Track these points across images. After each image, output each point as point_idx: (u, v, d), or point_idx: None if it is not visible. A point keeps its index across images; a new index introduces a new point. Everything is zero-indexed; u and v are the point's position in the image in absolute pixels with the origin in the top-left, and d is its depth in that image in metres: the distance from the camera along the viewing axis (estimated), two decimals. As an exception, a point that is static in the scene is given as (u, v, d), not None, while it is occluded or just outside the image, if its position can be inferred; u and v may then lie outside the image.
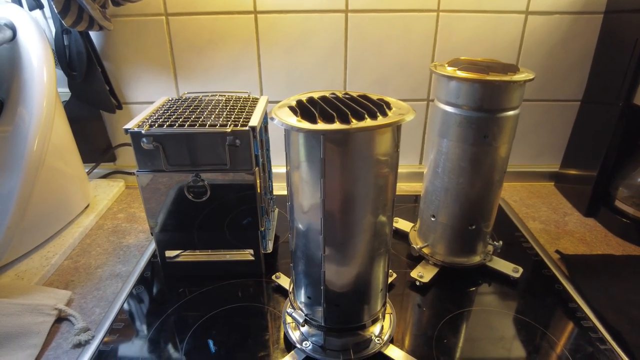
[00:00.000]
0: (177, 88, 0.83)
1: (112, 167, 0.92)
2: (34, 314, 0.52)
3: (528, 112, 0.84)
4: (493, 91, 0.49)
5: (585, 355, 0.48)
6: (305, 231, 0.41)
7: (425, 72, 0.81)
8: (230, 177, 0.53)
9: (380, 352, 0.47)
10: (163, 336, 0.51)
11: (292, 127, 0.34)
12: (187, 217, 0.56)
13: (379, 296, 0.46)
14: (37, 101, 0.58)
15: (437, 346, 0.49)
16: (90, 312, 0.56)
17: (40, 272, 0.61)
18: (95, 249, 0.69)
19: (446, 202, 0.58)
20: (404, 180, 0.90)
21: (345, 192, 0.37)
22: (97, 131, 0.86)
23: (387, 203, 0.40)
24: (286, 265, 0.63)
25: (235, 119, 0.53)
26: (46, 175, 0.64)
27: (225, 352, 0.49)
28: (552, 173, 0.90)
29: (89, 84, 0.78)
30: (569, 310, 0.54)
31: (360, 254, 0.41)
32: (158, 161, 0.52)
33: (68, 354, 0.49)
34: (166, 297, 0.58)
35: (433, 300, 0.57)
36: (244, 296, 0.58)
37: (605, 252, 0.67)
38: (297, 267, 0.45)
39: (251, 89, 0.82)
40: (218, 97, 0.63)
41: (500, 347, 0.49)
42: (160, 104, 0.59)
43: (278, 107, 0.37)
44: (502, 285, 0.59)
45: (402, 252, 0.67)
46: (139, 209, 0.81)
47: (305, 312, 0.47)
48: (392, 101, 0.38)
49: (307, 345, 0.47)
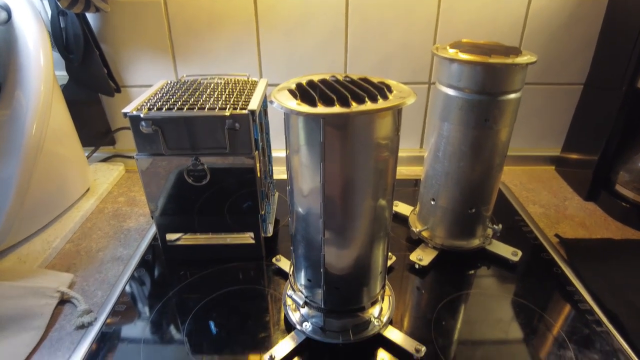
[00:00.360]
0: (176, 71, 0.82)
1: (111, 150, 0.92)
2: (36, 297, 0.53)
3: (530, 96, 0.84)
4: (495, 74, 0.49)
5: (581, 337, 0.48)
6: (305, 215, 0.41)
7: (427, 55, 0.80)
8: (229, 161, 0.53)
9: (379, 334, 0.48)
10: (165, 318, 0.52)
11: (292, 111, 0.33)
12: (188, 200, 0.56)
13: (378, 279, 0.46)
14: (34, 84, 0.58)
15: (436, 328, 0.50)
16: (93, 294, 0.56)
17: (42, 256, 0.62)
18: (96, 233, 0.69)
19: (446, 186, 0.57)
20: (404, 164, 0.90)
21: (345, 176, 0.37)
22: (96, 115, 0.86)
23: (387, 187, 0.40)
24: (286, 248, 0.63)
25: (235, 102, 0.52)
26: (45, 159, 0.64)
27: (226, 333, 0.49)
28: (553, 157, 0.90)
29: (87, 67, 0.77)
30: (567, 294, 0.55)
31: (359, 237, 0.41)
32: (157, 145, 0.52)
33: (71, 335, 0.50)
34: (167, 280, 0.58)
35: (432, 283, 0.57)
36: (245, 279, 0.58)
37: (604, 237, 0.68)
38: (297, 250, 0.45)
39: (250, 71, 0.81)
40: (217, 80, 0.62)
41: (498, 329, 0.50)
42: (159, 87, 0.58)
43: (277, 90, 0.37)
44: (501, 268, 0.60)
45: (402, 235, 0.67)
46: (139, 193, 0.81)
47: (305, 294, 0.47)
48: (393, 84, 0.38)
49: (307, 327, 0.48)
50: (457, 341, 0.49)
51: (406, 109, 0.42)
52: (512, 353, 0.47)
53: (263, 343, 0.48)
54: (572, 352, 0.47)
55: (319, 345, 0.47)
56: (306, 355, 0.47)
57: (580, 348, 0.47)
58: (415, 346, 0.46)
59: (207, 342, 0.48)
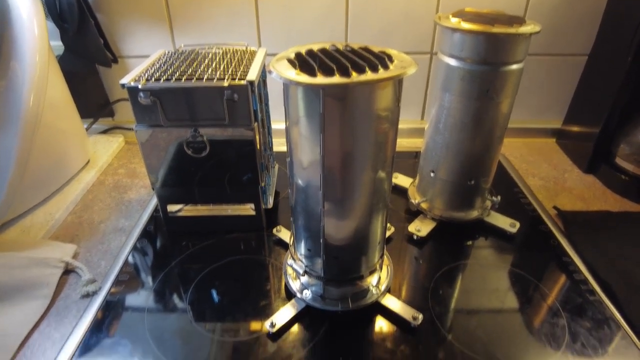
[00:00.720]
0: (174, 41, 0.80)
1: (110, 122, 0.91)
2: (41, 267, 0.54)
3: (533, 67, 0.82)
4: (497, 44, 0.48)
5: (574, 306, 0.50)
6: (305, 187, 0.41)
7: (430, 24, 0.78)
8: (229, 132, 0.53)
9: (377, 302, 0.49)
10: (167, 287, 0.53)
11: (291, 81, 0.33)
12: (188, 172, 0.57)
13: (377, 249, 0.47)
14: (29, 55, 0.57)
15: (433, 297, 0.51)
16: (96, 264, 0.57)
17: (45, 227, 0.62)
18: (98, 204, 0.70)
19: (446, 158, 0.58)
20: (404, 136, 0.90)
21: (344, 148, 0.37)
22: (94, 86, 0.85)
23: (386, 159, 0.40)
24: (286, 219, 0.64)
25: (233, 73, 0.51)
26: (44, 130, 0.64)
27: (228, 301, 0.51)
28: (555, 130, 0.90)
29: (82, 37, 0.75)
30: (563, 264, 0.56)
31: (359, 208, 0.42)
32: (156, 116, 0.52)
33: (77, 303, 0.51)
34: (169, 250, 0.59)
35: (430, 253, 0.58)
36: (246, 249, 0.59)
37: (602, 209, 0.68)
38: (297, 221, 0.46)
39: (249, 40, 0.79)
40: (215, 49, 0.61)
41: (494, 298, 0.51)
42: (157, 58, 0.58)
43: (276, 60, 0.36)
44: (498, 239, 0.61)
45: (401, 207, 0.68)
46: (139, 165, 0.81)
47: (305, 263, 0.48)
48: (395, 54, 0.37)
49: (307, 295, 0.49)
50: (453, 310, 0.50)
51: (407, 79, 0.41)
52: (507, 321, 0.48)
53: (264, 310, 0.49)
54: (565, 320, 0.48)
55: (319, 312, 0.48)
56: (306, 322, 0.48)
57: (572, 316, 0.48)
58: (413, 314, 0.47)
59: (209, 310, 0.50)
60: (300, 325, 0.48)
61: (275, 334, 0.46)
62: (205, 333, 0.47)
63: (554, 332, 0.47)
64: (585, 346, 0.45)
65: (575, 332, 0.47)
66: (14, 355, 0.45)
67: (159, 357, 0.44)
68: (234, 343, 0.46)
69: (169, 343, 0.46)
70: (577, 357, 0.44)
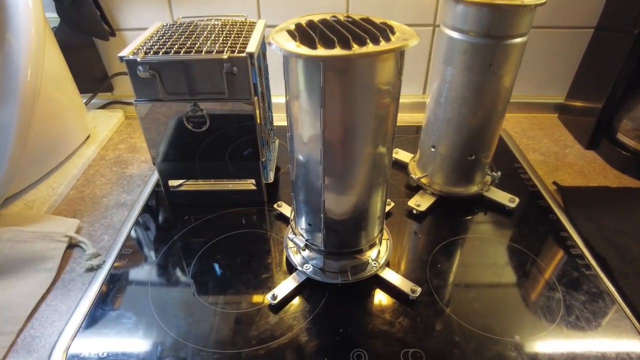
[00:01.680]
0: (172, 12, 0.79)
1: (109, 97, 0.90)
2: (46, 241, 0.55)
3: (536, 40, 0.81)
4: (501, 16, 0.47)
5: (570, 280, 0.51)
6: (305, 161, 0.41)
7: (433, -4, 0.77)
8: (229, 106, 0.53)
9: (376, 275, 0.50)
10: (170, 261, 0.54)
11: (290, 53, 0.32)
12: (188, 147, 0.56)
13: (377, 223, 0.47)
14: (24, 26, 0.56)
15: (431, 270, 0.52)
16: (99, 239, 0.58)
17: (47, 202, 0.63)
18: (99, 179, 0.70)
19: (447, 133, 0.57)
20: (406, 110, 0.89)
21: (345, 122, 0.37)
22: (92, 60, 0.84)
23: (387, 134, 0.40)
24: (287, 194, 0.64)
25: (232, 45, 0.51)
26: (43, 105, 0.63)
27: (230, 274, 0.52)
28: (557, 104, 0.89)
29: (78, 9, 0.74)
30: (560, 239, 0.57)
31: (359, 183, 0.42)
32: (156, 90, 0.51)
33: (82, 277, 0.52)
34: (171, 224, 0.60)
35: (429, 228, 0.59)
36: (247, 223, 0.60)
37: (601, 184, 0.68)
38: (298, 196, 0.46)
39: (248, 12, 0.78)
40: (214, 21, 0.60)
41: (491, 273, 0.52)
42: (155, 30, 0.57)
43: (276, 32, 0.36)
44: (497, 214, 0.61)
45: (401, 182, 0.68)
46: (139, 139, 0.81)
47: (305, 237, 0.49)
48: (396, 25, 0.37)
49: (307, 268, 0.50)
50: (451, 283, 0.51)
51: (409, 53, 0.41)
52: (503, 294, 0.49)
53: (266, 283, 0.50)
54: (561, 293, 0.49)
55: (319, 285, 0.49)
56: (306, 294, 0.49)
57: (568, 290, 0.49)
58: (411, 287, 0.48)
59: (211, 283, 0.50)
60: (301, 298, 0.49)
61: (276, 306, 0.47)
62: (208, 305, 0.48)
63: (550, 305, 0.48)
64: (580, 319, 0.46)
65: (570, 305, 0.48)
66: (23, 326, 0.46)
67: (162, 329, 0.45)
68: (236, 315, 0.47)
69: (172, 315, 0.47)
70: (571, 329, 0.45)
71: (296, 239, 0.49)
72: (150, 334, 0.45)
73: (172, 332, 0.45)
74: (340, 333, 0.45)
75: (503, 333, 0.44)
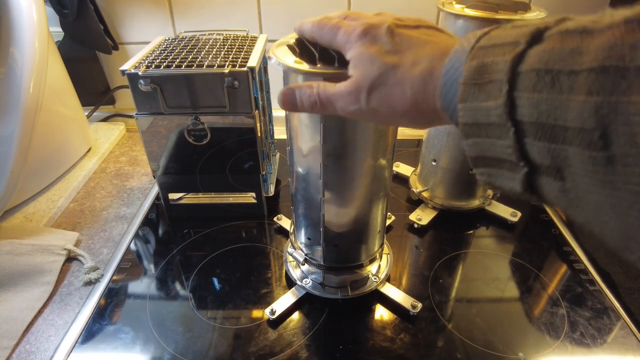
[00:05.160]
0: (174, 26, 0.79)
1: (111, 110, 0.91)
2: (45, 254, 0.54)
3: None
4: (502, 31, 0.47)
5: (574, 296, 0.50)
6: (305, 175, 0.41)
7: (433, 10, 0.77)
8: (229, 120, 0.53)
9: (376, 290, 0.49)
10: (169, 275, 0.53)
11: (290, 68, 0.32)
12: (189, 160, 0.56)
13: (377, 237, 0.47)
14: (28, 41, 0.56)
15: (433, 285, 0.51)
16: (98, 252, 0.58)
17: (47, 215, 0.63)
18: (100, 192, 0.70)
19: (448, 146, 0.57)
20: (406, 124, 0.89)
21: (345, 136, 0.37)
22: (94, 73, 0.84)
23: (387, 147, 0.40)
24: (287, 207, 0.64)
25: (234, 59, 0.51)
26: (45, 118, 0.63)
27: (229, 289, 0.51)
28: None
29: (82, 23, 0.75)
30: (563, 254, 0.56)
31: (359, 197, 0.41)
32: (157, 103, 0.51)
33: (80, 290, 0.52)
34: (171, 238, 0.59)
35: (430, 242, 0.58)
36: (247, 237, 0.59)
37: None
38: (298, 209, 0.46)
39: (250, 27, 0.79)
40: (216, 36, 0.60)
41: (494, 288, 0.51)
42: (157, 44, 0.57)
43: (276, 46, 0.36)
44: (499, 228, 0.61)
45: (402, 195, 0.67)
46: (140, 152, 0.81)
47: (305, 251, 0.48)
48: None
49: (307, 283, 0.49)
50: (453, 298, 0.50)
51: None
52: (506, 310, 0.48)
53: (265, 298, 0.50)
54: (564, 309, 0.48)
55: (319, 300, 0.49)
56: (306, 309, 0.48)
57: (572, 306, 0.48)
58: (412, 302, 0.47)
59: (210, 298, 0.50)
60: (301, 313, 0.48)
61: (275, 321, 0.47)
62: (207, 320, 0.47)
63: (553, 322, 0.47)
64: (585, 335, 0.45)
65: (575, 321, 0.47)
66: (18, 340, 0.46)
67: (160, 345, 0.45)
68: (235, 330, 0.46)
69: (170, 330, 0.46)
70: (575, 346, 0.44)
71: (295, 253, 0.49)
72: (147, 349, 0.44)
73: (169, 347, 0.44)
74: (341, 350, 0.44)
75: (506, 350, 0.44)
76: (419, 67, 0.24)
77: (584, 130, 0.16)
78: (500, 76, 0.19)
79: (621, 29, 0.16)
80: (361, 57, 0.27)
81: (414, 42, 0.26)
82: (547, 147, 0.18)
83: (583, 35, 0.17)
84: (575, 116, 0.16)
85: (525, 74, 0.18)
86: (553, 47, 0.18)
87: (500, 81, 0.19)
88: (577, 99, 0.16)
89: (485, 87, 0.20)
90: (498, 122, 0.20)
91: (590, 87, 0.16)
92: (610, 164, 0.16)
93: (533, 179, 0.20)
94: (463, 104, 0.21)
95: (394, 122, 0.28)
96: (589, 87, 0.16)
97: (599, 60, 0.16)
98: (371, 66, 0.26)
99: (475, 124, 0.21)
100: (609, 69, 0.15)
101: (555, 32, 0.18)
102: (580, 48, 0.17)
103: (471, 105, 0.21)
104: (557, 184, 0.19)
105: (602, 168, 0.16)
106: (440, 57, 0.24)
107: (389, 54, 0.26)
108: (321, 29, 0.30)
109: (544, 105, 0.18)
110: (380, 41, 0.26)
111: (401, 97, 0.25)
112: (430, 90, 0.24)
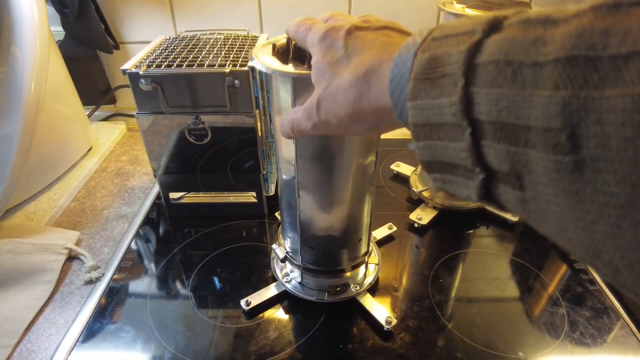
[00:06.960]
0: (175, 26, 0.79)
1: (112, 109, 0.91)
2: (45, 253, 0.54)
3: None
4: (503, 30, 0.47)
5: (574, 295, 0.50)
6: (285, 175, 0.41)
7: (433, 10, 0.77)
8: (230, 119, 0.53)
9: (354, 299, 0.48)
10: (170, 274, 0.53)
11: (256, 65, 0.32)
12: (190, 159, 0.57)
13: (359, 245, 0.45)
14: (29, 40, 0.56)
15: (433, 284, 0.51)
16: (99, 251, 0.58)
17: (48, 214, 0.63)
18: (100, 191, 0.70)
19: (448, 147, 0.57)
20: (407, 124, 0.89)
21: (318, 136, 0.35)
22: (95, 72, 0.84)
23: (368, 150, 0.38)
24: (288, 207, 0.64)
25: (234, 59, 0.51)
26: (46, 117, 0.64)
27: (229, 288, 0.51)
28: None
29: (83, 22, 0.75)
30: (563, 253, 0.56)
31: (337, 201, 0.40)
32: (158, 103, 0.51)
33: (81, 289, 0.52)
34: (172, 237, 0.59)
35: (431, 242, 0.59)
36: (248, 236, 0.59)
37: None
38: (282, 209, 0.46)
39: (251, 26, 0.79)
40: (216, 35, 0.61)
41: (494, 287, 0.51)
42: (158, 44, 0.57)
43: (262, 46, 0.35)
44: (500, 228, 0.61)
45: (402, 195, 0.67)
46: (141, 152, 0.81)
47: (287, 250, 0.48)
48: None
49: (287, 280, 0.49)
50: (453, 298, 0.50)
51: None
52: (506, 310, 0.49)
53: (265, 298, 0.50)
54: (565, 309, 0.48)
55: (298, 299, 0.48)
56: (285, 306, 0.48)
57: (572, 305, 0.48)
58: (386, 317, 0.45)
59: (211, 297, 0.50)
60: (301, 313, 0.48)
61: (250, 312, 0.47)
62: (207, 319, 0.47)
63: (553, 321, 0.47)
64: (584, 335, 0.45)
65: (575, 321, 0.47)
66: (19, 339, 0.46)
67: (160, 344, 0.45)
68: (235, 329, 0.46)
69: (170, 329, 0.46)
70: (575, 346, 0.44)
71: (278, 249, 0.48)
72: (148, 348, 0.44)
73: (170, 346, 0.44)
74: (341, 349, 0.44)
75: (506, 349, 0.44)
76: (364, 67, 0.23)
77: (549, 131, 0.14)
78: (454, 69, 0.17)
79: (589, 16, 0.14)
80: (316, 67, 0.26)
81: (368, 44, 0.24)
82: (507, 150, 0.16)
83: (546, 25, 0.15)
84: (539, 114, 0.15)
85: (483, 66, 0.16)
86: (514, 35, 0.16)
87: (454, 74, 0.17)
88: (542, 94, 0.14)
89: (438, 81, 0.18)
90: (452, 122, 0.18)
91: (556, 80, 0.14)
92: (577, 170, 0.14)
93: (490, 187, 0.18)
94: (413, 102, 0.19)
95: (350, 131, 0.26)
96: (555, 81, 0.14)
97: (566, 49, 0.14)
98: (322, 78, 0.25)
99: (426, 125, 0.19)
100: (578, 59, 0.13)
101: (515, 20, 0.17)
102: (544, 37, 0.15)
103: (422, 103, 0.19)
104: (516, 193, 0.17)
105: (567, 175, 0.14)
106: (390, 55, 0.22)
107: (338, 62, 0.25)
108: (298, 29, 0.30)
109: (504, 101, 0.16)
110: (335, 47, 0.25)
111: (344, 102, 0.24)
112: (376, 89, 0.22)
